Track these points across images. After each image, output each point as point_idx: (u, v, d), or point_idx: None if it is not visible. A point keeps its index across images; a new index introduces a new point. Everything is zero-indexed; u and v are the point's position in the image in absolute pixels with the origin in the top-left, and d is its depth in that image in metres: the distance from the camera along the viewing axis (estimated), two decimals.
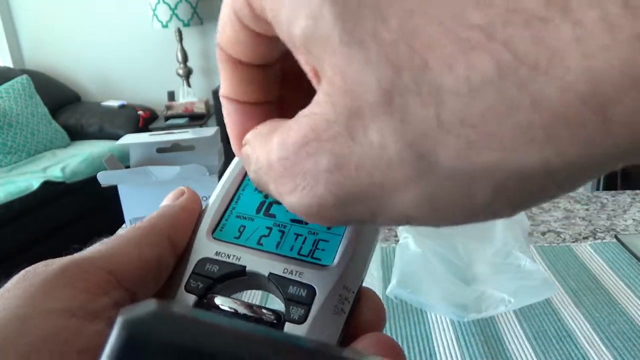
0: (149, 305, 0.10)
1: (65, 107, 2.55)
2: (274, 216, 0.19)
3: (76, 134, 2.43)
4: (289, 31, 0.12)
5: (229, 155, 0.35)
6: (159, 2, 2.36)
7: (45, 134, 2.28)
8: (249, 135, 0.16)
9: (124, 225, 0.69)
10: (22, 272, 0.15)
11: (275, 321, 0.16)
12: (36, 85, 2.36)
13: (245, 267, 0.18)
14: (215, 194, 0.20)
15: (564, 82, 0.09)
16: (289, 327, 0.16)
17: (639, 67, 0.09)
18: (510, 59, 0.09)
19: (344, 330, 0.17)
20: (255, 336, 0.10)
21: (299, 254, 0.18)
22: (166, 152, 0.60)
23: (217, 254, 0.18)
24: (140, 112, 2.47)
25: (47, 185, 1.92)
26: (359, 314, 0.18)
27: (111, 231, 0.82)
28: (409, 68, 0.10)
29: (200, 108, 2.43)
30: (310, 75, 0.13)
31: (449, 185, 0.11)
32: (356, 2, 0.11)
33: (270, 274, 0.17)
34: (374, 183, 0.12)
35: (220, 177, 0.68)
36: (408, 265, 0.55)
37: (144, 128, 2.40)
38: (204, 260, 0.18)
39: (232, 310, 0.16)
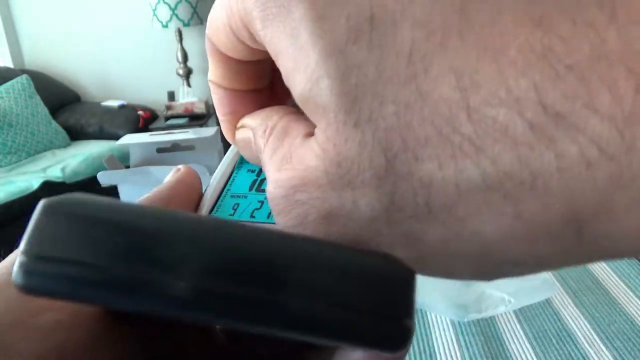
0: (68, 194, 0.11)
1: (65, 107, 2.55)
2: (265, 191, 0.20)
3: (76, 134, 2.43)
4: (286, 75, 0.12)
5: None
6: (159, 2, 2.36)
7: (45, 134, 2.28)
8: (246, 120, 0.17)
9: None
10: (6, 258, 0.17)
11: None
12: (36, 86, 2.36)
13: None
14: (212, 180, 0.21)
15: (546, 201, 0.10)
16: None
17: (612, 201, 0.09)
18: (497, 174, 0.10)
19: None
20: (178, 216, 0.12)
21: None
22: (166, 152, 0.60)
23: None
24: (140, 112, 2.47)
25: (47, 185, 1.92)
26: None
27: None
28: (401, 159, 0.11)
29: (200, 108, 2.43)
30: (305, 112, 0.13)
31: (432, 257, 0.12)
32: (354, 79, 0.11)
33: None
34: (361, 240, 0.12)
35: None
36: None
37: (144, 128, 2.40)
38: None
39: None
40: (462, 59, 0.10)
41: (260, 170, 0.21)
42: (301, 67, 0.12)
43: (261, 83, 0.18)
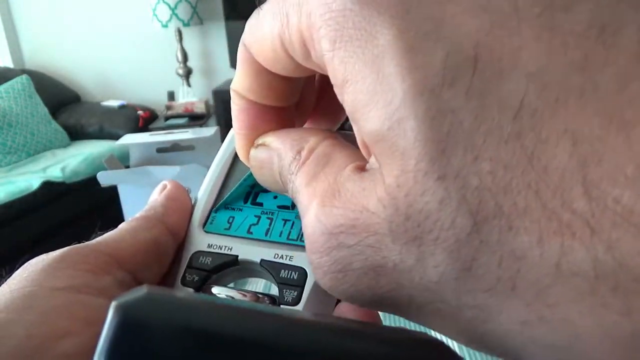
0: (140, 290, 0.10)
1: (65, 107, 2.55)
2: (261, 204, 0.20)
3: (76, 134, 2.42)
4: (354, 107, 0.11)
5: None
6: (158, 2, 2.36)
7: (45, 134, 2.28)
8: (270, 139, 0.15)
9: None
10: (25, 263, 0.16)
11: (271, 304, 0.17)
12: (36, 85, 2.36)
13: (237, 256, 0.18)
14: (203, 187, 0.21)
15: None
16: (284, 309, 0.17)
17: None
18: (612, 263, 0.08)
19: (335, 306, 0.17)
20: (249, 311, 0.11)
21: (288, 238, 0.18)
22: (166, 152, 0.60)
23: (209, 246, 0.19)
24: (140, 112, 2.47)
25: (47, 185, 1.92)
26: None
27: None
28: (491, 225, 0.09)
29: (200, 108, 2.43)
30: (359, 143, 0.12)
31: (501, 339, 0.10)
32: (447, 127, 0.10)
33: (262, 260, 0.18)
34: (413, 302, 0.11)
35: None
36: None
37: (144, 128, 2.40)
38: (198, 254, 0.18)
39: (229, 298, 0.17)
40: (582, 123, 0.09)
41: (256, 184, 0.21)
42: (380, 101, 0.10)
43: (290, 100, 0.16)
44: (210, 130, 0.59)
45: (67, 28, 2.68)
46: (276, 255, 0.18)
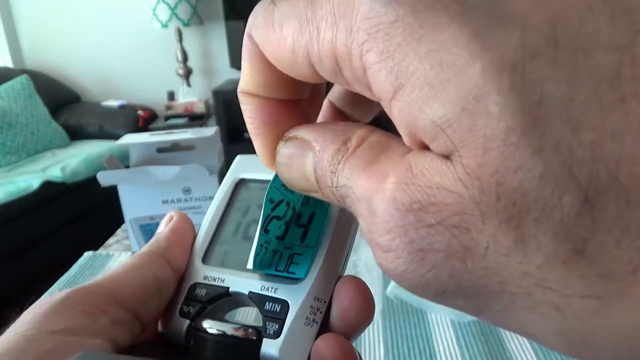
0: (76, 356, 0.11)
1: (65, 107, 2.55)
2: (252, 238, 0.20)
3: (76, 134, 2.42)
4: (412, 103, 0.10)
5: (228, 155, 0.35)
6: (158, 2, 2.36)
7: (45, 133, 2.28)
8: (303, 132, 0.15)
9: (123, 226, 0.69)
10: (33, 304, 0.17)
11: (255, 337, 0.17)
12: (36, 85, 2.36)
13: (228, 288, 0.19)
14: (205, 219, 0.21)
15: None
16: (266, 342, 0.17)
17: None
18: None
19: (316, 339, 0.17)
20: None
21: (276, 269, 0.19)
22: (166, 152, 0.60)
23: (205, 278, 0.19)
24: (140, 112, 2.47)
25: (47, 185, 1.92)
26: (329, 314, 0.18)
27: (111, 231, 0.82)
28: (605, 200, 0.09)
29: (200, 108, 2.43)
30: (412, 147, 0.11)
31: (607, 344, 0.09)
32: (537, 96, 0.09)
33: (250, 292, 0.18)
34: (505, 287, 0.10)
35: (220, 177, 0.68)
36: None
37: (144, 128, 2.40)
38: (195, 285, 0.19)
39: (220, 332, 0.17)
40: None
41: (246, 212, 0.21)
42: (447, 88, 0.10)
43: (305, 92, 0.16)
44: (210, 130, 0.59)
45: (67, 28, 2.68)
46: (263, 287, 0.18)
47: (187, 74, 2.57)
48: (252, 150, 0.18)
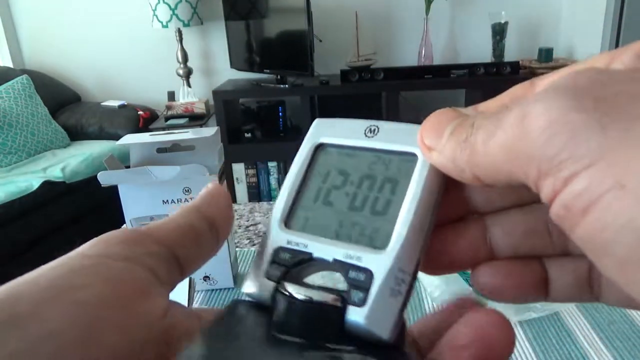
0: None
1: (65, 107, 2.55)
2: (333, 204, 0.21)
3: (76, 134, 2.43)
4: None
5: (228, 156, 0.35)
6: (159, 2, 2.36)
7: (45, 134, 2.28)
8: (478, 120, 0.17)
9: (124, 226, 0.69)
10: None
11: (340, 304, 0.18)
12: (36, 85, 2.36)
13: (312, 253, 0.19)
14: (285, 184, 0.22)
15: None
16: (351, 309, 0.17)
17: None
18: None
19: (401, 309, 0.18)
20: None
21: (358, 239, 0.19)
22: (166, 152, 0.60)
23: (288, 242, 0.20)
24: (140, 112, 2.47)
25: (47, 185, 1.92)
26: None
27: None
28: None
29: (200, 108, 2.43)
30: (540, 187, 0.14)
31: None
32: None
33: (334, 259, 0.19)
34: None
35: (220, 178, 0.67)
36: None
37: (144, 128, 2.40)
38: (279, 250, 0.20)
39: (307, 298, 0.18)
40: None
41: (327, 177, 0.21)
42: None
43: None
44: (210, 131, 0.59)
45: (67, 28, 2.68)
46: (346, 255, 0.19)
47: (187, 74, 2.57)
48: (251, 150, 0.19)
